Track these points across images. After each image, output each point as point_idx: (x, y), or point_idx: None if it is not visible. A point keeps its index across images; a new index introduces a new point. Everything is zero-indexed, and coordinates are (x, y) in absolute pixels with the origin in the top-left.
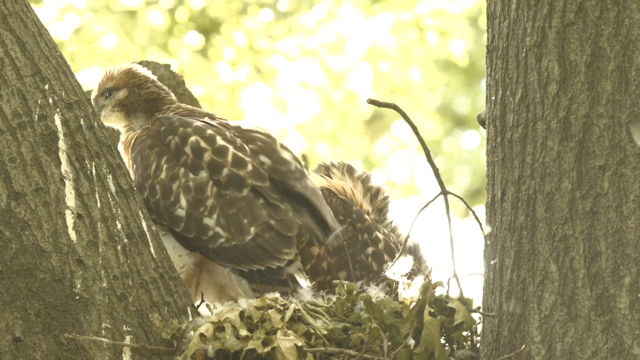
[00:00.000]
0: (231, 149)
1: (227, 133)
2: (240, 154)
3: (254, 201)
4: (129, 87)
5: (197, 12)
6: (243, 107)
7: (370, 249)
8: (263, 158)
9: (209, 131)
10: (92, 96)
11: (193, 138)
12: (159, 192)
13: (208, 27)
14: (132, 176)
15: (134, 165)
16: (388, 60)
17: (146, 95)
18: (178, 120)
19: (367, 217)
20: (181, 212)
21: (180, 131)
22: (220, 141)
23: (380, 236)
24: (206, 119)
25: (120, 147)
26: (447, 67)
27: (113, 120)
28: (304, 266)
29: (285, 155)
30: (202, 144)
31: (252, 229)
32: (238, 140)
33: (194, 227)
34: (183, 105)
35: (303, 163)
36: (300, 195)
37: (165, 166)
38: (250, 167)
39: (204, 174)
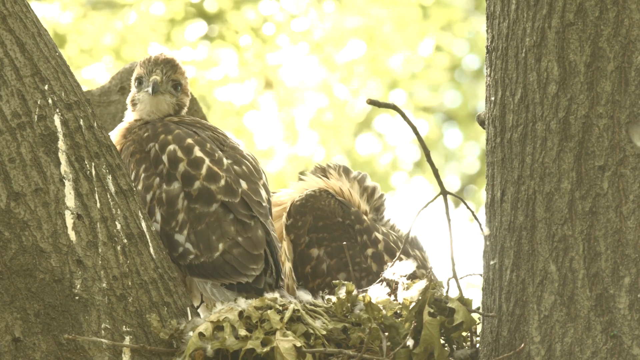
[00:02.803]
0: (207, 161)
1: (208, 144)
2: (215, 168)
3: (223, 217)
4: (187, 94)
5: (199, 2)
6: (242, 103)
7: (370, 250)
8: (242, 182)
9: (189, 140)
10: (160, 75)
11: (171, 147)
12: None
13: (211, 16)
14: None
15: None
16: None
17: (184, 105)
18: (162, 126)
19: (365, 218)
20: (156, 226)
21: (161, 138)
22: (197, 152)
23: (380, 237)
24: (199, 131)
25: (115, 133)
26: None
27: (161, 109)
28: (304, 268)
29: (262, 192)
30: (179, 153)
31: (221, 245)
32: (217, 154)
33: (166, 243)
34: (188, 117)
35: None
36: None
37: (142, 175)
38: (222, 182)
39: (176, 185)
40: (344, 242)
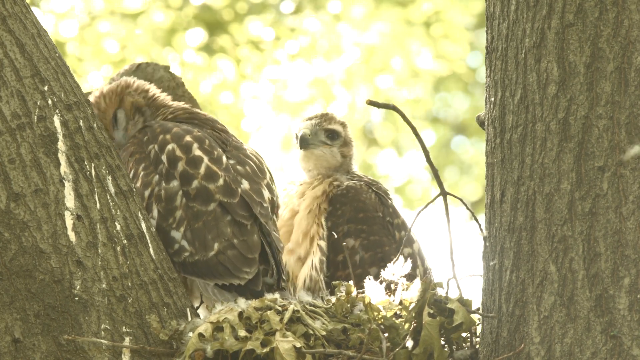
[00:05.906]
0: (205, 160)
1: (207, 141)
2: (214, 167)
3: (221, 217)
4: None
5: (201, 10)
6: (245, 107)
7: (407, 250)
8: (244, 181)
9: (187, 138)
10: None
11: (170, 146)
12: None
13: (212, 26)
14: None
15: None
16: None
17: (145, 102)
18: (160, 127)
19: (399, 212)
20: (152, 222)
21: (160, 139)
22: (196, 150)
23: (414, 237)
24: (199, 128)
25: None
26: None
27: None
28: (336, 256)
29: (265, 192)
30: (178, 152)
31: (216, 245)
32: (216, 151)
33: (162, 239)
34: (183, 106)
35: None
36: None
37: (142, 173)
38: (221, 181)
39: (175, 183)
40: (344, 243)
